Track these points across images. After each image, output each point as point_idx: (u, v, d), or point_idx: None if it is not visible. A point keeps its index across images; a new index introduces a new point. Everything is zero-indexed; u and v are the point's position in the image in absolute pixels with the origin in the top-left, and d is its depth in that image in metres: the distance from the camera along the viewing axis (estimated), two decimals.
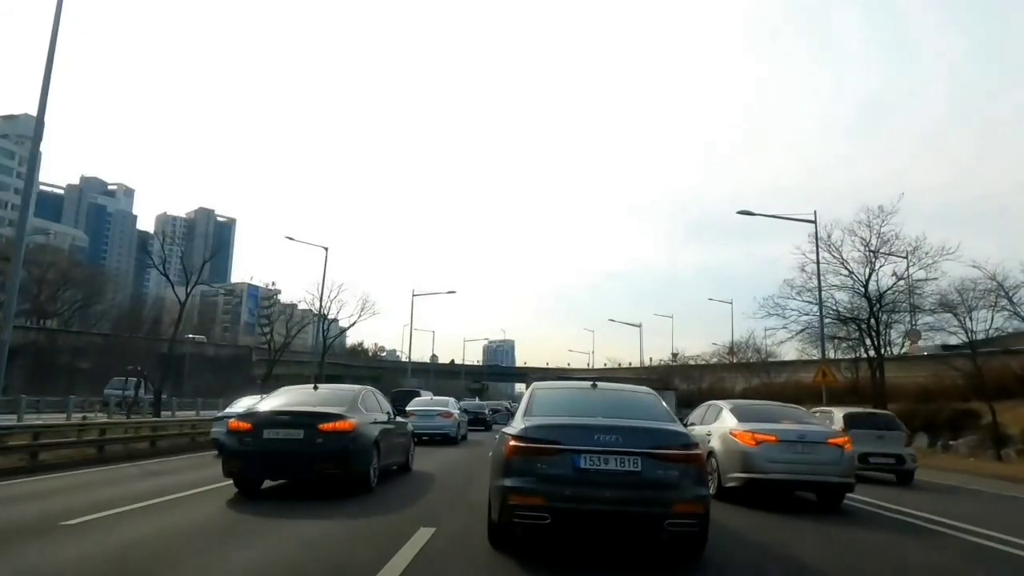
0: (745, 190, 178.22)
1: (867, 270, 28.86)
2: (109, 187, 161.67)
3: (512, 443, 5.47)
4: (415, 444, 13.06)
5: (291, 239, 39.00)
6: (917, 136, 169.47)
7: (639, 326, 62.73)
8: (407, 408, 19.23)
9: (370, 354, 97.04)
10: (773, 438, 9.16)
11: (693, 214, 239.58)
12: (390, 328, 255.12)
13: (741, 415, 10.00)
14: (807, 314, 30.69)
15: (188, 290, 29.20)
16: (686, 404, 25.52)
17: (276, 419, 8.83)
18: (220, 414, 16.76)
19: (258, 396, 14.31)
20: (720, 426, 10.02)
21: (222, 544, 5.99)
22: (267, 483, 9.19)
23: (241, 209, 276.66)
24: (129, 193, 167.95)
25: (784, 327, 32.52)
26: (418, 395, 25.84)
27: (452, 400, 23.99)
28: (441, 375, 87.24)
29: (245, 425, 8.86)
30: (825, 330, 29.19)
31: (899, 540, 7.37)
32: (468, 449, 18.68)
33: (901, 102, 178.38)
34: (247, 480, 8.85)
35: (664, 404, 6.55)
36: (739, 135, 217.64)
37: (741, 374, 48.38)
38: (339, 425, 8.77)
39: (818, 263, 27.09)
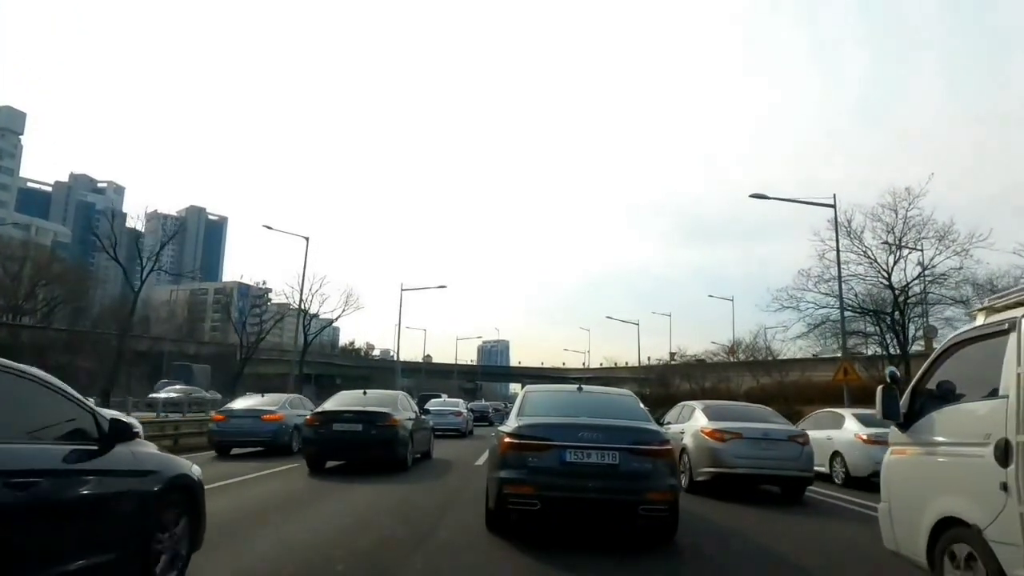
0: (744, 190, 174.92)
1: (891, 259, 26.41)
2: (99, 184, 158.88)
3: (507, 440, 6.15)
4: (434, 437, 15.87)
5: (269, 228, 36.11)
6: (917, 134, 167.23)
7: (637, 324, 60.00)
8: (426, 407, 22.22)
9: (362, 353, 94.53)
10: (739, 435, 9.91)
11: (691, 215, 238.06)
12: (384, 327, 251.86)
13: (712, 414, 10.76)
14: (825, 307, 28.26)
15: (143, 277, 27.10)
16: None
17: (342, 415, 11.60)
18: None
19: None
20: (692, 425, 10.81)
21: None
22: (329, 463, 11.94)
23: (233, 208, 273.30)
24: (119, 191, 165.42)
25: (800, 320, 29.99)
26: (439, 397, 30.58)
27: (462, 402, 29.59)
28: (433, 375, 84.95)
29: (317, 420, 11.71)
30: (845, 324, 26.65)
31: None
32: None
33: (899, 101, 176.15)
34: (317, 460, 11.65)
35: (641, 405, 7.26)
36: (738, 136, 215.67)
37: (750, 372, 44.86)
38: (388, 421, 11.53)
39: (838, 251, 24.34)
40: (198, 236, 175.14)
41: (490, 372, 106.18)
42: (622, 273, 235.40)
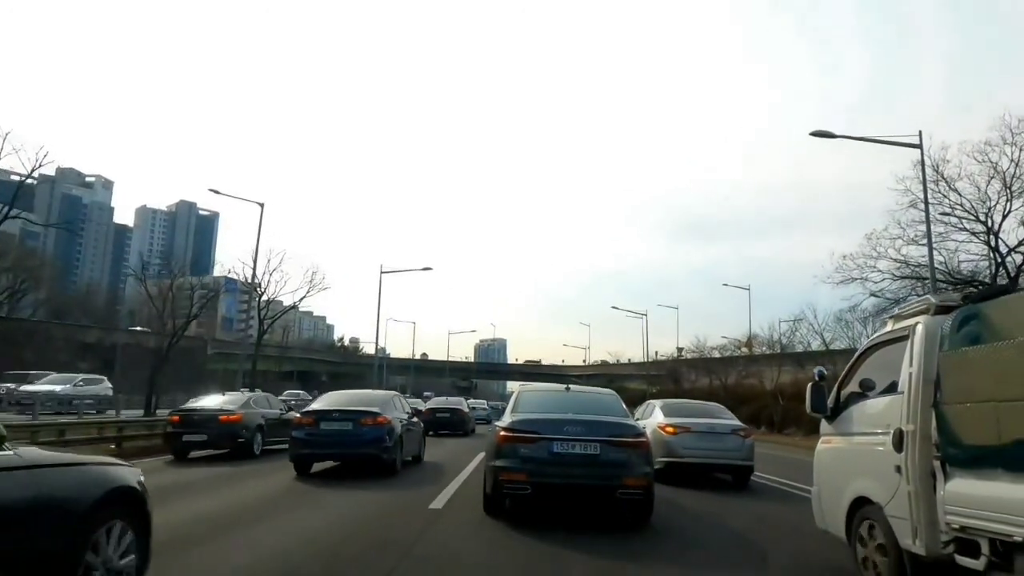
0: (744, 188, 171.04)
1: (998, 210, 20.47)
2: (87, 178, 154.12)
3: (502, 433, 7.10)
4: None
5: (216, 192, 30.34)
6: (912, 130, 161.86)
7: (644, 315, 54.47)
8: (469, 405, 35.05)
9: (350, 349, 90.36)
10: (688, 429, 11.18)
11: (691, 213, 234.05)
12: (381, 325, 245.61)
13: (668, 411, 11.98)
14: (905, 277, 22.79)
15: None
16: None
17: (443, 408, 25.22)
18: None
19: None
20: (652, 420, 11.76)
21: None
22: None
23: (226, 204, 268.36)
24: (108, 185, 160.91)
25: (875, 293, 24.23)
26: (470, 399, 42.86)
27: (486, 402, 41.82)
28: (425, 372, 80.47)
29: (429, 412, 22.14)
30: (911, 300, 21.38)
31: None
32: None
33: (891, 100, 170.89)
34: (432, 430, 19.77)
35: (622, 403, 8.17)
36: (738, 134, 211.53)
37: (797, 363, 37.71)
38: (460, 412, 25.34)
39: (926, 201, 19.11)
40: (188, 231, 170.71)
41: (486, 370, 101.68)
42: (621, 270, 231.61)
